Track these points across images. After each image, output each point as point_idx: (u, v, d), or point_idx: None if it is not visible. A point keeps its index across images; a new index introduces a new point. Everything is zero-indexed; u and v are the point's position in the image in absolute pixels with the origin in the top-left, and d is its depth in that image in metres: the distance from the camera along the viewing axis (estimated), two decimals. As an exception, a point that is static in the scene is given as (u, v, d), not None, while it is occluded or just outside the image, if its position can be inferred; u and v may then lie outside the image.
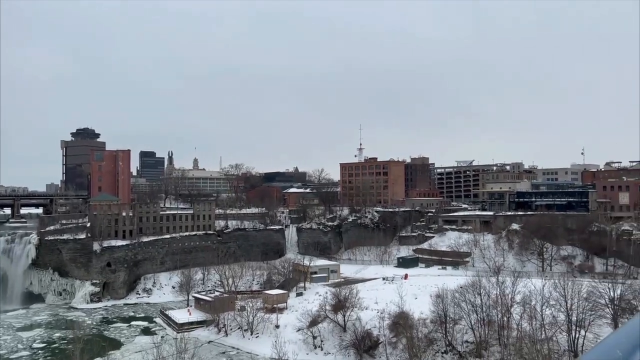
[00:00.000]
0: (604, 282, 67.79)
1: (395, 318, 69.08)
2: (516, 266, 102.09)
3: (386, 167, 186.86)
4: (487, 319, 64.82)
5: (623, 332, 1.92)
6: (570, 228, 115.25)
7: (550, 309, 62.83)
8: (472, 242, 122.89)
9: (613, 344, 1.73)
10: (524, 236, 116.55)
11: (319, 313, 77.28)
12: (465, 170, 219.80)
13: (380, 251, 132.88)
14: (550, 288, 64.74)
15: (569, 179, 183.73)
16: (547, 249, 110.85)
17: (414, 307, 70.74)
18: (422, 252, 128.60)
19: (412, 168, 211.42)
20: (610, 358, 1.61)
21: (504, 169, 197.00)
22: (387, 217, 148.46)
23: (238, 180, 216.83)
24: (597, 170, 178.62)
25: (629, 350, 1.75)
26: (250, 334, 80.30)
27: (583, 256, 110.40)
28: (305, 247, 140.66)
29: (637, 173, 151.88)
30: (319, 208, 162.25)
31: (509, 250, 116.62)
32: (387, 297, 76.42)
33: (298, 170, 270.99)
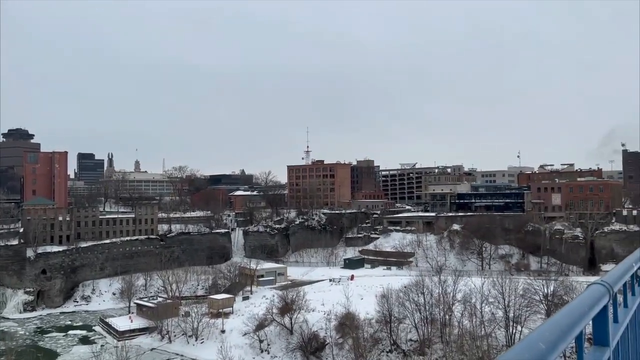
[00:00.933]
0: (538, 280, 71.35)
1: (341, 319, 69.80)
2: (457, 265, 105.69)
3: (333, 170, 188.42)
4: (430, 317, 66.67)
5: (547, 326, 2.00)
6: (508, 228, 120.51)
7: (489, 306, 65.40)
8: (415, 243, 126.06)
9: (537, 338, 1.80)
10: (464, 236, 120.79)
11: (266, 316, 76.88)
12: (409, 173, 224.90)
13: (327, 253, 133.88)
14: (489, 286, 67.41)
15: (506, 181, 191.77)
16: (486, 249, 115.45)
17: (360, 307, 71.71)
18: (367, 253, 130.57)
19: (358, 170, 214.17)
20: (534, 351, 1.67)
21: (445, 171, 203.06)
22: (334, 219, 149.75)
23: (182, 183, 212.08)
24: (531, 173, 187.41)
25: (552, 343, 1.84)
26: (195, 339, 78.75)
27: (519, 255, 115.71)
28: (252, 250, 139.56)
29: (568, 175, 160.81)
30: (266, 211, 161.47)
31: (450, 249, 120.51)
32: (334, 298, 77.09)
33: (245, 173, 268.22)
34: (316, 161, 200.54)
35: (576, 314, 2.39)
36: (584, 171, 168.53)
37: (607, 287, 3.09)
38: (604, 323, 3.05)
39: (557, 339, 1.91)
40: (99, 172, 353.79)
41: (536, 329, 1.99)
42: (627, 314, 4.08)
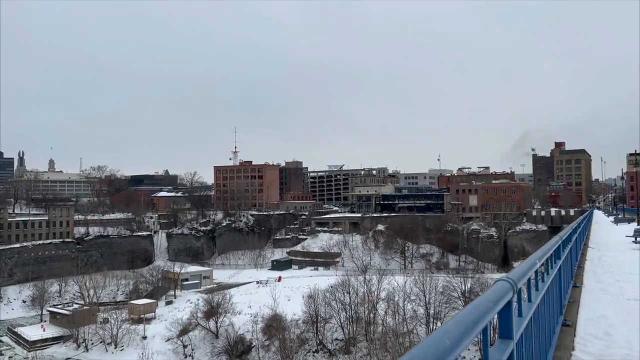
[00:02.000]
0: (456, 277, 74.76)
1: (268, 321, 69.46)
2: (382, 264, 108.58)
3: (261, 171, 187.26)
4: (356, 316, 67.93)
5: (453, 322, 2.08)
6: (429, 228, 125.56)
7: (411, 303, 67.70)
8: (342, 243, 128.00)
9: (443, 334, 1.84)
10: (388, 236, 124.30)
11: (190, 321, 74.93)
12: (337, 175, 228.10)
13: (255, 255, 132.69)
14: (411, 284, 69.79)
15: (428, 183, 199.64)
16: (409, 248, 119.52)
17: (287, 308, 71.73)
18: (295, 254, 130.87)
19: (286, 172, 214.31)
20: (438, 348, 1.71)
21: (371, 173, 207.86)
22: (262, 221, 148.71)
23: (101, 184, 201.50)
24: (451, 175, 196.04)
25: (457, 339, 1.88)
26: (114, 347, 75.20)
27: (439, 253, 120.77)
28: (175, 253, 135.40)
29: (483, 178, 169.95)
30: (191, 212, 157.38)
31: (375, 249, 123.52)
32: (261, 300, 76.58)
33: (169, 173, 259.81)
34: (244, 162, 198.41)
35: (481, 309, 2.51)
36: (499, 174, 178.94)
37: (512, 284, 3.29)
38: (508, 317, 3.25)
39: (462, 334, 1.99)
40: (8, 171, 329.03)
41: (443, 325, 2.06)
42: (530, 308, 4.37)
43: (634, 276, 13.91)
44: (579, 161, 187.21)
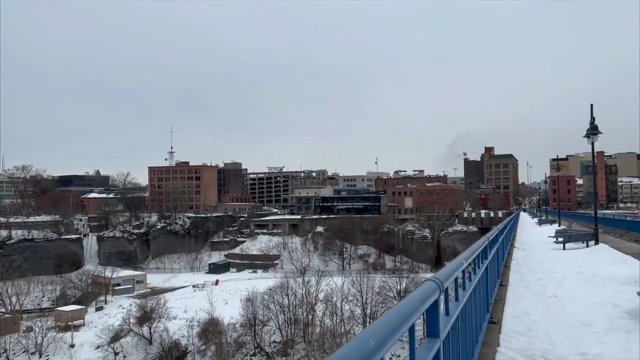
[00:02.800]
0: (392, 277, 76.52)
1: (204, 325, 68.05)
2: (320, 266, 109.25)
3: (198, 172, 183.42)
4: (294, 318, 67.88)
5: (379, 322, 2.09)
6: (366, 229, 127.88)
7: (349, 304, 68.58)
8: (281, 245, 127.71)
9: (368, 335, 1.83)
10: (327, 238, 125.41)
11: (122, 327, 72.06)
12: (276, 176, 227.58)
13: (191, 258, 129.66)
14: (349, 285, 70.72)
15: (365, 185, 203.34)
16: (347, 249, 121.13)
17: (225, 312, 70.64)
18: (233, 257, 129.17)
19: (225, 173, 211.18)
20: (363, 349, 1.70)
21: (310, 175, 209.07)
22: (199, 223, 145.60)
23: (25, 184, 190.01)
24: (387, 178, 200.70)
25: (382, 339, 1.88)
26: (39, 357, 70.89)
27: (376, 254, 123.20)
28: (107, 257, 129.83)
29: (418, 181, 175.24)
30: (124, 215, 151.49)
31: (314, 251, 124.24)
32: (197, 304, 74.97)
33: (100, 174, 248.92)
34: (180, 162, 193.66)
35: (408, 309, 2.56)
36: (432, 177, 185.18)
37: (438, 283, 3.38)
38: (435, 316, 3.34)
39: (387, 335, 2.01)
40: None
41: (370, 325, 2.08)
42: (458, 307, 4.52)
43: (554, 275, 14.80)
44: (507, 165, 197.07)
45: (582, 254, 20.50)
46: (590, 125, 23.21)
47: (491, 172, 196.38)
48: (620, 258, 17.89)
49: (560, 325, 8.31)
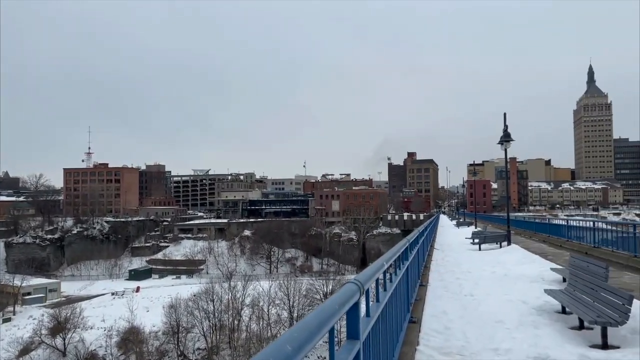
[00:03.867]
0: (319, 280, 77.13)
1: (124, 334, 65.08)
2: (247, 270, 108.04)
3: (118, 174, 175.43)
4: (219, 324, 66.57)
5: (298, 327, 2.05)
6: (294, 232, 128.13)
7: (276, 307, 68.30)
8: (207, 250, 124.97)
9: (285, 340, 1.80)
10: (254, 241, 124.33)
11: (33, 339, 67.25)
12: (202, 179, 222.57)
13: (110, 264, 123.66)
14: (276, 288, 70.45)
15: (294, 189, 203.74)
16: (274, 252, 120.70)
17: (146, 320, 67.99)
18: (156, 263, 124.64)
19: (147, 175, 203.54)
20: (279, 355, 1.66)
21: (238, 178, 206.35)
22: (119, 228, 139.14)
23: None
24: (315, 181, 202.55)
25: (300, 344, 1.84)
26: None
27: (304, 257, 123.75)
28: (16, 264, 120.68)
29: (345, 184, 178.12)
30: (36, 219, 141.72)
31: (241, 255, 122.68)
32: (117, 313, 71.60)
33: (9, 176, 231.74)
34: (99, 164, 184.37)
35: (328, 312, 2.56)
36: (359, 181, 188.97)
37: (359, 285, 3.42)
38: (355, 318, 3.37)
39: (305, 339, 1.99)
40: None
41: (288, 330, 2.04)
42: (378, 308, 4.61)
43: (470, 274, 15.54)
44: (428, 170, 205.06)
45: (496, 254, 21.69)
46: (503, 133, 24.67)
47: (413, 177, 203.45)
48: (530, 258, 19.12)
49: (475, 323, 8.72)
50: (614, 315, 7.32)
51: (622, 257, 17.24)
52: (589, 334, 7.85)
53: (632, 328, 7.53)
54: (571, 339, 7.67)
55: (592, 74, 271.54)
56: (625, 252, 17.39)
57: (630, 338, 7.41)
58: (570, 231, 26.15)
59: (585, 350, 7.02)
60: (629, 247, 17.14)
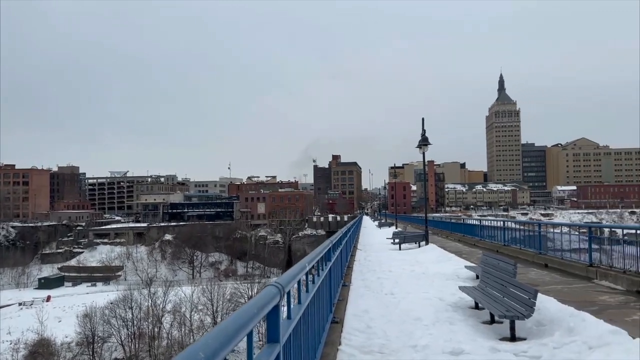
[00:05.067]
0: (244, 283, 76.27)
1: (33, 347, 60.67)
2: (169, 275, 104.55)
3: (27, 176, 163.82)
4: (139, 332, 63.95)
5: (213, 333, 1.96)
6: (218, 236, 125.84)
7: (199, 313, 66.70)
8: (125, 255, 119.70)
9: (199, 348, 1.71)
10: (176, 246, 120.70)
11: None
12: (120, 181, 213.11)
13: (17, 273, 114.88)
14: (199, 294, 68.83)
15: (218, 191, 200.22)
16: (197, 257, 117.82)
17: (58, 331, 63.87)
18: (69, 270, 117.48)
19: (59, 178, 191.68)
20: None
21: (158, 180, 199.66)
22: (27, 233, 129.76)
23: None
24: (240, 184, 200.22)
25: (213, 351, 1.75)
26: None
27: (228, 261, 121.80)
28: None
29: (271, 186, 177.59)
30: None
31: (162, 260, 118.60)
32: (25, 324, 66.64)
33: None
34: (5, 165, 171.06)
35: (245, 317, 2.51)
36: (285, 183, 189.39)
37: (280, 288, 3.39)
38: (276, 321, 3.33)
39: (220, 345, 1.92)
40: None
41: (202, 337, 1.97)
42: (300, 310, 4.60)
43: (391, 273, 16.01)
44: (352, 172, 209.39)
45: (415, 254, 22.51)
46: (421, 137, 25.70)
47: (338, 179, 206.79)
48: (446, 256, 20.02)
49: (395, 321, 8.97)
50: (521, 309, 7.82)
51: (529, 254, 18.50)
52: (499, 328, 8.33)
53: (537, 320, 8.08)
54: (483, 333, 8.11)
55: (502, 83, 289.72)
56: (531, 250, 18.67)
57: (535, 330, 7.95)
58: (483, 231, 27.70)
59: (495, 343, 7.44)
60: (535, 245, 18.42)
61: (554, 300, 8.94)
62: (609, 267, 12.96)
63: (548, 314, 8.29)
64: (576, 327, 7.39)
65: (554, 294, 10.18)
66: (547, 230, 18.27)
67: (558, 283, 12.95)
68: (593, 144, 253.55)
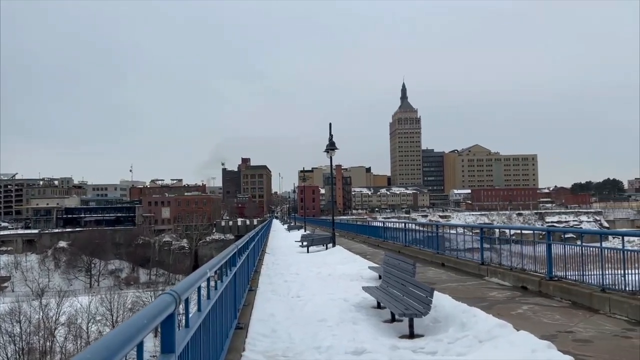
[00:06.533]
0: (147, 291, 73.03)
1: None
2: (63, 285, 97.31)
3: None
4: (28, 347, 58.90)
5: (94, 348, 1.87)
6: (119, 242, 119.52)
7: (97, 324, 62.87)
8: (12, 265, 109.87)
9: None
10: (72, 253, 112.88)
11: None
12: (7, 185, 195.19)
13: None
14: (97, 303, 64.92)
15: (119, 195, 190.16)
16: (95, 265, 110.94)
17: None
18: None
19: None
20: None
21: (52, 183, 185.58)
22: None
23: None
24: (143, 187, 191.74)
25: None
26: None
27: (130, 268, 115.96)
28: None
29: (177, 190, 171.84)
30: None
31: (55, 269, 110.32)
32: None
33: None
34: None
35: (134, 328, 2.36)
36: (191, 186, 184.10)
37: (175, 296, 3.25)
38: (171, 331, 3.19)
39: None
40: None
41: (81, 352, 1.88)
42: (200, 317, 4.46)
43: (298, 276, 16.11)
44: (262, 176, 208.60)
45: (322, 256, 22.85)
46: (329, 142, 26.19)
47: (247, 182, 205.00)
48: (351, 258, 20.53)
49: (300, 323, 9.01)
50: (419, 307, 8.19)
51: (428, 254, 19.50)
52: (399, 326, 8.67)
53: (434, 317, 8.51)
54: (384, 332, 8.39)
55: (404, 91, 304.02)
56: (430, 250, 19.70)
57: (431, 327, 8.36)
58: (386, 232, 28.80)
59: (395, 341, 7.72)
60: (433, 245, 19.47)
61: (449, 298, 9.47)
62: (498, 265, 14.00)
63: (443, 310, 8.76)
64: (468, 323, 7.88)
65: (449, 292, 10.80)
66: (444, 231, 19.38)
67: (453, 281, 13.76)
68: (486, 150, 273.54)
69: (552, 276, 11.09)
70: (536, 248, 12.23)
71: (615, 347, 6.82)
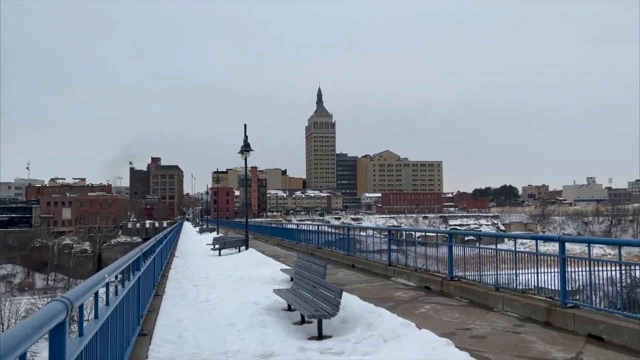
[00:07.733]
0: (43, 297, 67.88)
1: None
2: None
3: None
4: None
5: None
6: (12, 245, 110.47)
7: (-17, 335, 57.44)
8: None
9: None
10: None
11: None
12: None
13: None
14: (-16, 313, 59.31)
15: (13, 194, 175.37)
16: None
17: None
18: None
19: None
20: None
21: None
22: None
23: None
24: (42, 186, 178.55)
25: None
26: None
27: (24, 273, 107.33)
28: None
29: (79, 190, 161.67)
30: None
31: None
32: None
33: None
34: None
35: (15, 339, 2.17)
36: (96, 186, 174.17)
37: (66, 303, 3.04)
38: (60, 340, 2.98)
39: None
40: None
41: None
42: (96, 325, 4.20)
43: (208, 280, 15.74)
44: (173, 176, 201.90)
45: (234, 259, 22.53)
46: (244, 143, 25.92)
47: (157, 183, 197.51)
48: (264, 260, 20.43)
49: (208, 328, 8.80)
50: (328, 308, 8.31)
51: (339, 255, 19.87)
52: (309, 327, 8.74)
53: (342, 318, 8.68)
54: (293, 334, 8.42)
55: (320, 96, 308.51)
56: (341, 252, 20.09)
57: (340, 327, 8.52)
58: (300, 234, 28.99)
59: (303, 343, 7.77)
60: (344, 247, 19.87)
61: (357, 298, 9.71)
62: (404, 266, 14.57)
63: (351, 311, 8.96)
64: (374, 322, 8.12)
65: (357, 292, 11.08)
66: (355, 233, 19.86)
67: (362, 282, 14.13)
68: (395, 156, 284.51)
69: (453, 276, 11.73)
70: (439, 250, 12.88)
71: (507, 342, 7.35)
